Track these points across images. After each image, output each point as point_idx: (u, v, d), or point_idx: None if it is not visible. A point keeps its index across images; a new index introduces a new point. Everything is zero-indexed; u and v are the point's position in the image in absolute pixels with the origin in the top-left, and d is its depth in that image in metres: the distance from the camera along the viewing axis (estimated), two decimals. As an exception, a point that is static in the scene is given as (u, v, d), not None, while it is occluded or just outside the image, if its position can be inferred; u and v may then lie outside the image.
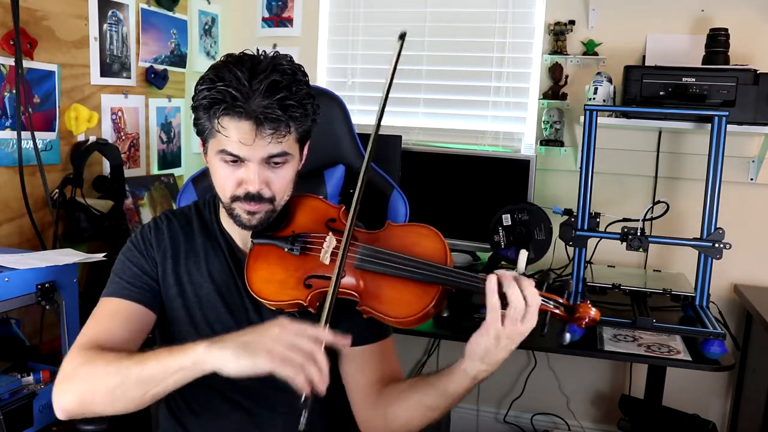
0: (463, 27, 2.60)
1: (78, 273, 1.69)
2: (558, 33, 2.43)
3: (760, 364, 2.16)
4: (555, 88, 2.46)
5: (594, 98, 2.19)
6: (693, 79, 2.05)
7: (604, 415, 2.60)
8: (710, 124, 1.89)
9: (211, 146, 1.10)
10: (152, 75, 2.41)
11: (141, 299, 1.15)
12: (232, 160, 1.07)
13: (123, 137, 2.32)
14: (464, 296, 1.96)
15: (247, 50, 1.11)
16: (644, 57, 2.37)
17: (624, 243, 1.89)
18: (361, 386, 1.18)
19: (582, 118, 2.04)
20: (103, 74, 2.20)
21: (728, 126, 1.88)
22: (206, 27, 2.76)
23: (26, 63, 1.86)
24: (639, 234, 1.87)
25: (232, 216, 1.13)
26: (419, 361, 2.70)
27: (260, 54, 1.09)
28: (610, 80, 2.22)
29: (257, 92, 1.03)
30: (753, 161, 2.31)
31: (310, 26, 2.75)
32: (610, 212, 2.07)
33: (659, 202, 2.01)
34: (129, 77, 2.32)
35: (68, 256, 1.68)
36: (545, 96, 2.48)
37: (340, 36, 2.77)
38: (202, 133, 1.11)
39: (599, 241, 2.28)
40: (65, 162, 2.05)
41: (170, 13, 2.50)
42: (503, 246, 2.19)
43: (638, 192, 2.44)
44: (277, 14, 2.78)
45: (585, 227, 1.96)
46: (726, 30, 2.13)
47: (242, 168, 1.08)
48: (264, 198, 1.10)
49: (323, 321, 0.98)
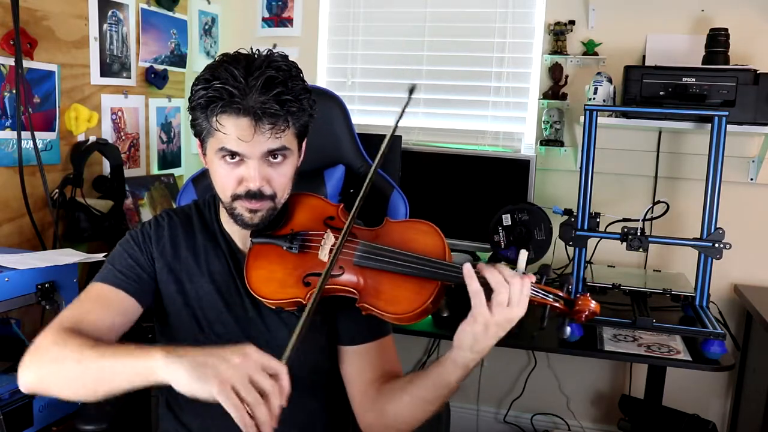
0: (463, 27, 2.60)
1: (78, 273, 1.69)
2: (558, 33, 2.44)
3: (760, 364, 2.16)
4: (555, 88, 2.46)
5: (594, 98, 2.19)
6: (693, 79, 2.05)
7: (604, 415, 2.60)
8: (710, 124, 1.89)
9: (210, 145, 1.10)
10: (152, 75, 2.41)
11: (129, 289, 1.15)
12: (232, 158, 1.08)
13: (123, 137, 2.32)
14: (464, 295, 1.96)
15: (241, 49, 1.11)
16: (644, 57, 2.37)
17: (624, 243, 1.89)
18: (361, 384, 1.18)
19: (582, 118, 2.04)
20: (103, 74, 2.20)
21: (728, 126, 1.88)
22: (206, 27, 2.76)
23: (26, 63, 1.86)
24: (639, 234, 1.87)
25: (234, 215, 1.13)
26: (419, 361, 2.70)
27: (254, 52, 1.10)
28: (610, 80, 2.22)
29: (254, 88, 1.03)
30: (753, 161, 2.31)
31: (310, 26, 2.75)
32: (610, 212, 2.07)
33: (659, 202, 2.01)
34: (129, 77, 2.32)
35: (68, 256, 1.68)
36: (545, 96, 2.48)
37: (340, 36, 2.77)
38: (200, 134, 1.11)
39: (599, 241, 2.28)
40: (65, 162, 2.05)
41: (170, 13, 2.50)
42: (503, 246, 2.19)
43: (638, 192, 2.44)
44: (277, 14, 2.78)
45: (585, 227, 1.96)
46: (726, 30, 2.13)
47: (242, 166, 1.08)
48: (265, 195, 1.10)
49: (308, 310, 0.97)
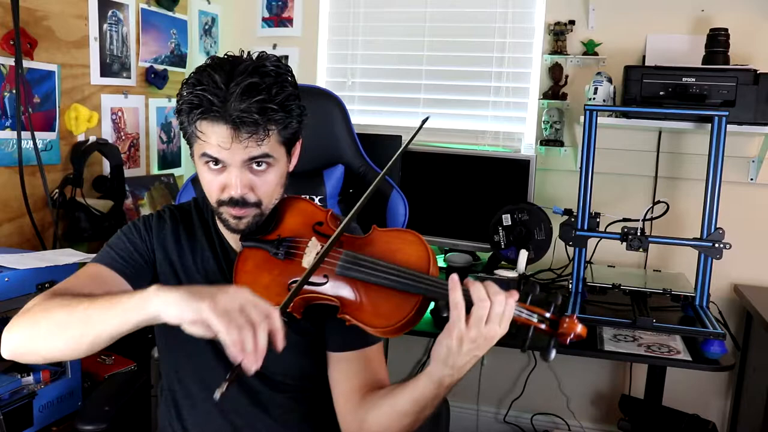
0: (463, 27, 2.60)
1: (78, 273, 1.69)
2: (558, 33, 2.44)
3: (760, 364, 2.16)
4: (555, 88, 2.46)
5: (594, 98, 2.19)
6: (693, 79, 2.05)
7: (604, 415, 2.60)
8: (710, 124, 1.89)
9: (195, 150, 1.10)
10: (152, 75, 2.41)
11: (125, 273, 1.14)
12: (215, 165, 1.07)
13: (123, 137, 2.32)
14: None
15: (229, 52, 1.10)
16: (644, 57, 2.37)
17: (624, 243, 1.89)
18: (345, 391, 1.16)
19: (582, 118, 2.04)
20: (103, 74, 2.20)
21: (728, 126, 1.88)
22: (206, 27, 2.76)
23: (26, 63, 1.86)
24: (639, 234, 1.87)
25: (221, 220, 1.14)
26: (419, 361, 2.70)
27: (244, 55, 1.08)
28: (610, 80, 2.22)
29: (233, 95, 1.01)
30: (753, 161, 2.31)
31: (310, 26, 2.76)
32: (610, 212, 2.07)
33: (659, 202, 2.01)
34: (129, 77, 2.32)
35: (68, 256, 1.68)
36: (545, 96, 2.48)
37: (340, 36, 2.77)
38: (187, 137, 1.11)
39: (599, 241, 2.28)
40: (65, 162, 2.05)
41: (170, 13, 2.50)
42: (503, 246, 2.19)
43: (638, 192, 2.44)
44: (277, 14, 2.78)
45: (585, 227, 1.96)
46: (726, 30, 2.13)
47: (225, 172, 1.08)
48: (249, 203, 1.09)
49: (282, 307, 0.95)
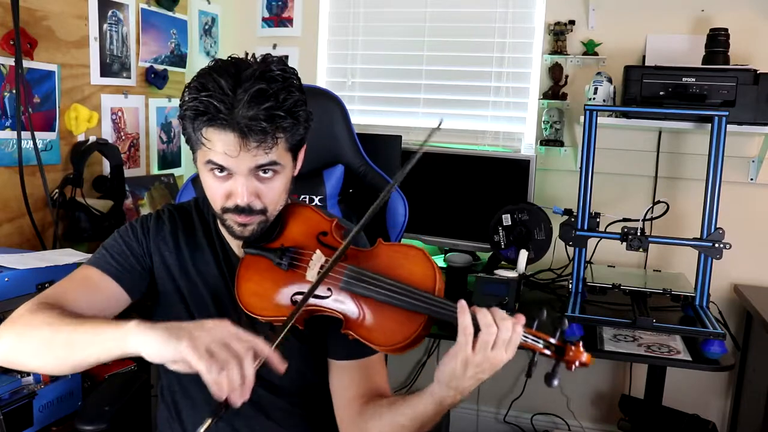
0: (463, 27, 2.60)
1: (78, 273, 1.69)
2: (558, 33, 2.43)
3: (760, 364, 2.16)
4: (555, 88, 2.46)
5: (594, 98, 2.19)
6: (693, 79, 2.05)
7: (604, 415, 2.60)
8: (710, 124, 1.89)
9: (199, 157, 1.07)
10: (152, 75, 2.41)
11: (120, 278, 1.13)
12: (221, 172, 1.04)
13: (123, 137, 2.32)
14: (466, 298, 1.96)
15: (234, 55, 1.07)
16: (644, 57, 2.36)
17: (624, 243, 1.89)
18: (345, 399, 1.16)
19: (582, 118, 2.04)
20: (103, 74, 2.20)
21: (728, 126, 1.88)
22: (206, 27, 2.76)
23: (26, 63, 1.86)
24: (639, 234, 1.87)
25: (225, 227, 1.12)
26: (419, 361, 2.70)
27: (249, 59, 1.05)
28: (610, 80, 2.22)
29: (241, 102, 0.99)
30: (753, 161, 2.31)
31: (310, 26, 2.75)
32: (610, 212, 2.07)
33: (659, 202, 2.01)
34: (129, 77, 2.32)
35: (68, 256, 1.68)
36: (545, 96, 2.48)
37: (340, 36, 2.77)
38: (190, 143, 1.08)
39: (599, 241, 2.28)
40: (65, 162, 2.05)
41: (170, 13, 2.49)
42: (503, 246, 2.19)
43: (638, 192, 2.44)
44: (277, 14, 2.78)
45: (585, 227, 1.96)
46: (726, 30, 2.13)
47: (230, 180, 1.05)
48: (255, 210, 1.07)
49: (274, 341, 0.93)
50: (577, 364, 0.96)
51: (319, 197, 1.68)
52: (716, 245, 1.85)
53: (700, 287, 1.88)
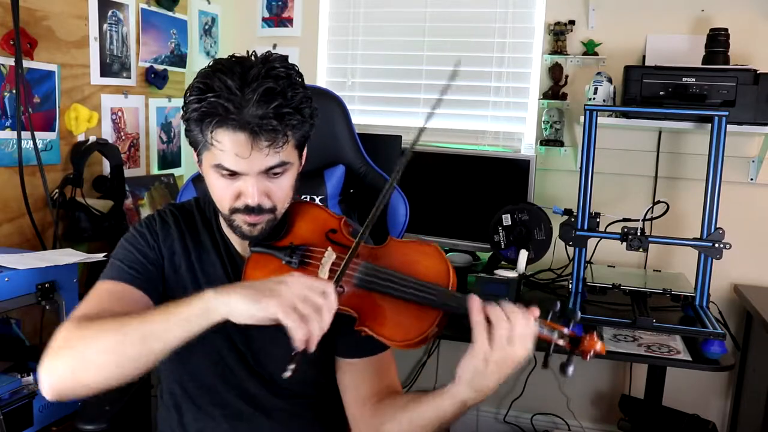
0: (463, 27, 2.60)
1: (78, 273, 1.69)
2: (558, 33, 2.44)
3: (760, 364, 2.16)
4: (555, 88, 2.46)
5: (594, 98, 2.19)
6: (693, 79, 2.05)
7: (604, 415, 2.60)
8: (710, 124, 1.89)
9: (206, 159, 1.05)
10: (152, 75, 2.41)
11: (140, 284, 1.12)
12: (230, 175, 1.03)
13: (123, 137, 2.32)
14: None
15: (236, 53, 1.06)
16: (644, 57, 2.37)
17: (624, 243, 1.89)
18: (358, 398, 1.15)
19: (582, 118, 2.04)
20: (103, 74, 2.20)
21: (728, 126, 1.88)
22: (206, 27, 2.76)
23: (26, 63, 1.86)
24: (639, 234, 1.87)
25: (233, 227, 1.10)
26: (419, 361, 2.70)
27: (251, 57, 1.04)
28: (610, 80, 2.23)
29: (250, 101, 0.98)
30: (753, 161, 2.31)
31: (310, 26, 2.76)
32: (610, 212, 2.07)
33: (659, 202, 2.01)
34: (129, 77, 2.32)
35: (68, 256, 1.68)
36: (545, 96, 2.48)
37: (340, 36, 2.77)
38: (196, 145, 1.06)
39: (599, 241, 2.28)
40: (65, 162, 2.05)
41: (170, 13, 2.49)
42: (503, 246, 2.19)
43: (638, 192, 2.44)
44: (277, 14, 2.78)
45: (585, 227, 1.96)
46: (726, 30, 2.13)
47: (240, 180, 1.04)
48: (264, 209, 1.06)
49: (335, 280, 0.97)
50: (593, 353, 0.98)
51: (320, 197, 1.68)
52: (716, 245, 1.85)
53: (700, 287, 1.88)
